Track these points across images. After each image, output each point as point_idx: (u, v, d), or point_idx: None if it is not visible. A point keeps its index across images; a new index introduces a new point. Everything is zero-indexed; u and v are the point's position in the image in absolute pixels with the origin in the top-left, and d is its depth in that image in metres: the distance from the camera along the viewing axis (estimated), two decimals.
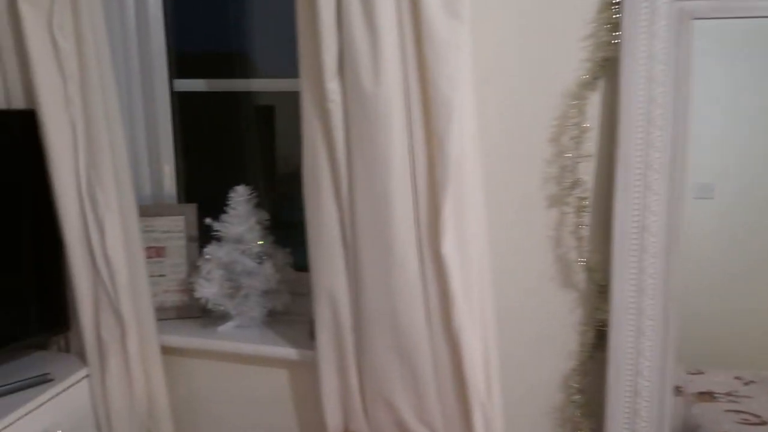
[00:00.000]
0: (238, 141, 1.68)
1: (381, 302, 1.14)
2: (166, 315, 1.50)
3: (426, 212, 1.09)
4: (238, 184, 1.39)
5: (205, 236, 1.43)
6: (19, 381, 1.24)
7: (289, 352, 1.33)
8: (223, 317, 1.45)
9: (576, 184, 1.10)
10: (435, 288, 1.11)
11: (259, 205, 1.42)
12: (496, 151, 1.15)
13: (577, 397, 1.16)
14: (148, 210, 1.50)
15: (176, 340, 1.40)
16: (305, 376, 1.36)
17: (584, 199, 1.10)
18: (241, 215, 1.38)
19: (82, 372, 1.32)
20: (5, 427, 1.13)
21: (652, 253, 1.04)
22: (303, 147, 1.15)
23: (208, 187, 1.69)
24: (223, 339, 1.38)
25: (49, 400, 1.23)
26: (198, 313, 1.52)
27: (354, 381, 1.22)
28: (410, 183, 1.08)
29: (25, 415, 1.18)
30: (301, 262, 1.47)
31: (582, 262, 1.12)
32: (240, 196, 1.38)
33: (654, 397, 1.07)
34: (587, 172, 1.10)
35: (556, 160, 1.12)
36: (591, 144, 1.09)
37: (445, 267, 1.07)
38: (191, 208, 1.52)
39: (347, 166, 1.12)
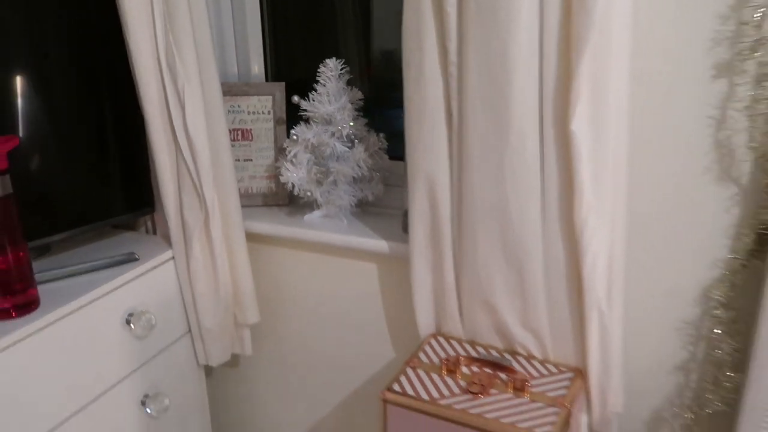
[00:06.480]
0: (331, 16, 1.51)
1: (488, 190, 0.97)
2: (251, 201, 1.42)
3: (554, 77, 0.89)
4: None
5: (294, 119, 1.31)
6: (106, 258, 1.21)
7: (379, 245, 1.21)
8: (310, 206, 1.35)
9: (760, 43, 0.84)
10: (556, 175, 0.93)
11: (351, 83, 1.27)
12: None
13: (718, 311, 0.97)
14: (232, 89, 1.38)
15: (261, 227, 1.32)
16: (396, 271, 1.24)
17: None
18: (332, 92, 1.24)
19: (168, 254, 1.27)
20: (91, 302, 1.10)
21: None
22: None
23: (299, 66, 1.55)
24: (310, 228, 1.28)
25: (135, 278, 1.19)
26: (285, 201, 1.42)
27: (450, 279, 1.09)
28: (537, 38, 0.88)
29: (111, 291, 1.15)
30: (396, 151, 1.32)
31: (753, 146, 0.89)
32: (331, 71, 1.23)
33: None
34: None
35: (735, 11, 0.85)
36: None
37: (574, 148, 0.88)
38: (279, 87, 1.39)
39: (458, 19, 0.93)
